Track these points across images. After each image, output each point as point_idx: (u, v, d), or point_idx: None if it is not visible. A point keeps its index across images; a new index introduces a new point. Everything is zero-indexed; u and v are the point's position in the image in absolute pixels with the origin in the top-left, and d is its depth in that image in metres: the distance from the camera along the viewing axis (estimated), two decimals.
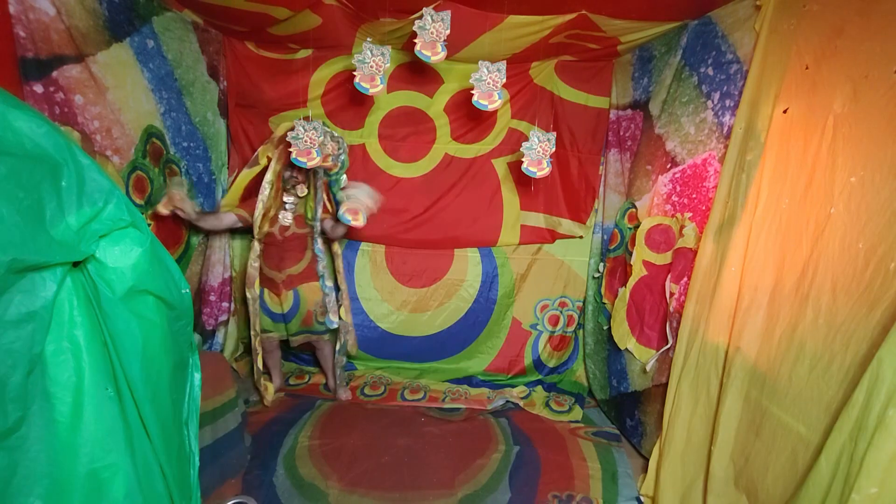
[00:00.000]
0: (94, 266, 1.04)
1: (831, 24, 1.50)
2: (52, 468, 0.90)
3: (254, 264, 2.55)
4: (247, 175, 2.59)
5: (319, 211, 2.58)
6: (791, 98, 1.62)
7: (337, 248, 2.82)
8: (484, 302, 3.13)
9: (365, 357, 3.17)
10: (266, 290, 2.62)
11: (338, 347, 2.75)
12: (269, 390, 2.69)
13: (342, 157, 2.54)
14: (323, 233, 2.64)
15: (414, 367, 3.16)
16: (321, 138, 2.32)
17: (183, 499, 1.25)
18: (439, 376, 3.10)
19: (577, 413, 2.78)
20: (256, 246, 2.54)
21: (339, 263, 2.82)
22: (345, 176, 2.62)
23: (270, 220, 2.54)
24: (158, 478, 1.14)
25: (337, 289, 2.77)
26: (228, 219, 2.53)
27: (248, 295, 2.57)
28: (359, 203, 2.45)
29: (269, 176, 2.43)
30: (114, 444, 0.99)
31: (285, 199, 2.55)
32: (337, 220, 2.53)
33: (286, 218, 2.54)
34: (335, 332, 2.76)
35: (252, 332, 2.62)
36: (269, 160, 2.49)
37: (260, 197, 2.42)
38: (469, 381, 3.09)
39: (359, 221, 2.44)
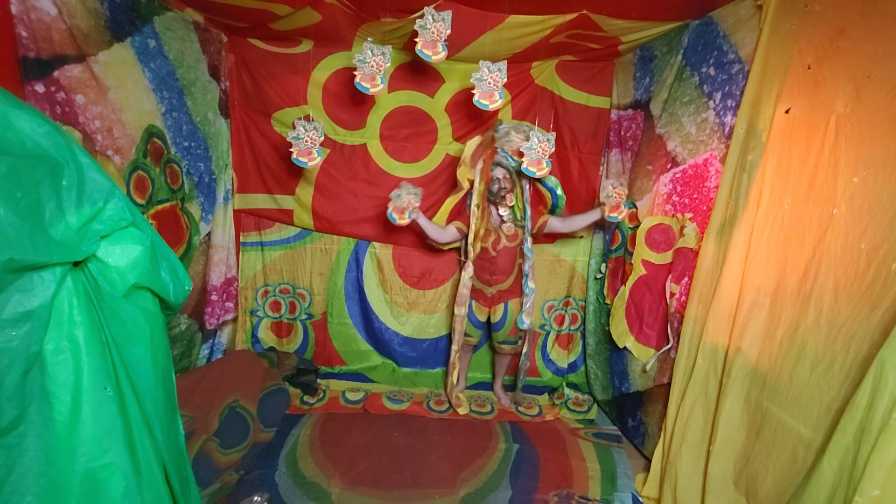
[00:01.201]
0: (95, 265, 1.04)
1: (833, 23, 1.50)
2: (49, 467, 0.90)
3: (467, 284, 2.61)
4: (451, 200, 2.67)
5: (529, 209, 2.59)
6: (793, 98, 1.61)
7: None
8: None
9: (378, 358, 3.18)
10: (474, 302, 2.72)
11: (525, 349, 2.70)
12: (464, 402, 2.79)
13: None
14: (535, 235, 2.66)
15: (429, 374, 3.14)
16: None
17: (184, 494, 1.25)
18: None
19: (594, 412, 2.80)
20: (470, 267, 2.60)
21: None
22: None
23: (482, 238, 2.60)
24: (159, 475, 1.14)
25: None
26: (452, 232, 2.64)
27: (456, 312, 2.66)
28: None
29: (475, 199, 2.50)
30: (112, 443, 0.99)
31: (501, 212, 2.59)
32: (551, 213, 2.63)
33: (510, 228, 2.60)
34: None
35: (454, 348, 2.70)
36: (471, 182, 2.54)
37: (471, 221, 2.52)
38: (488, 386, 3.06)
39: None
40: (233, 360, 2.57)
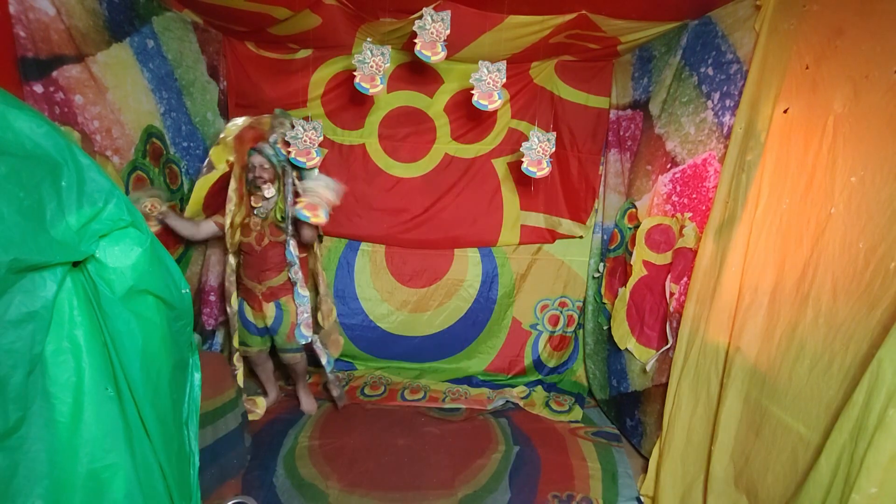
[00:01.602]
0: (94, 266, 1.04)
1: (831, 24, 1.50)
2: (52, 468, 0.90)
3: (230, 278, 2.39)
4: (205, 182, 2.34)
5: (290, 211, 2.32)
6: (791, 98, 1.62)
7: (317, 248, 2.61)
8: (484, 302, 3.13)
9: (365, 357, 3.17)
10: (246, 305, 2.46)
11: (325, 361, 2.49)
12: (259, 405, 2.60)
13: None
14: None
15: (414, 367, 3.16)
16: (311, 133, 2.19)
17: (183, 499, 1.25)
18: (439, 376, 3.10)
19: (577, 413, 2.78)
20: (231, 259, 2.38)
21: (318, 266, 2.62)
22: (317, 169, 2.40)
23: (243, 229, 2.36)
24: (158, 478, 1.14)
25: (316, 292, 2.64)
26: (207, 227, 2.36)
27: (227, 310, 2.44)
28: (317, 197, 2.19)
29: (232, 183, 2.26)
30: (114, 444, 0.99)
31: (253, 203, 2.35)
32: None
33: (256, 223, 2.34)
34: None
35: (233, 349, 2.46)
36: (231, 165, 2.29)
37: (227, 207, 2.26)
38: (469, 381, 3.09)
39: (319, 218, 2.18)
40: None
